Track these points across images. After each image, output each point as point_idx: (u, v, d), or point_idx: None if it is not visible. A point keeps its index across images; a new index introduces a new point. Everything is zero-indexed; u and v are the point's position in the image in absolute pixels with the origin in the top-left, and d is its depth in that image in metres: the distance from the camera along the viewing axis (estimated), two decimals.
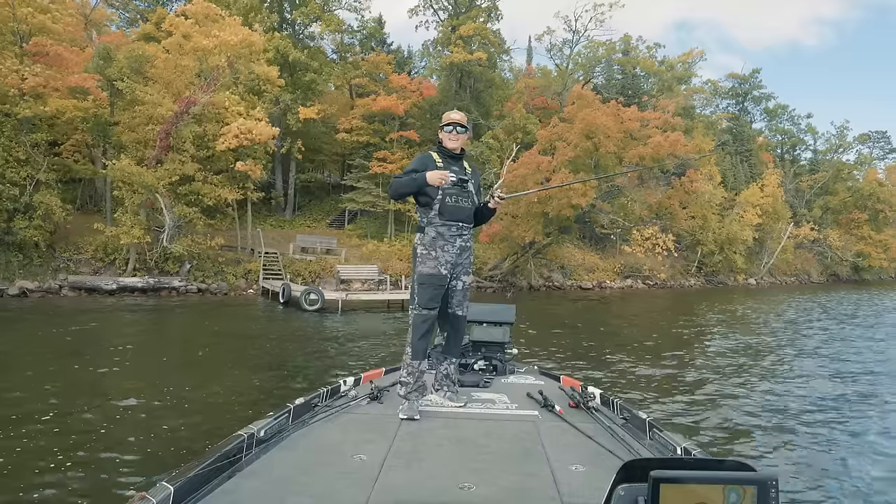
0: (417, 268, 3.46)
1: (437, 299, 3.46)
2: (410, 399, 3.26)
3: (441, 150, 3.57)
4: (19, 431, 5.88)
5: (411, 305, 3.47)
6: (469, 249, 3.59)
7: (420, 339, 3.41)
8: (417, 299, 3.42)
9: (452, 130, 3.56)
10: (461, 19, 35.51)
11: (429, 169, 3.40)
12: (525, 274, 29.26)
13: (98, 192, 25.38)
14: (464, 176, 3.56)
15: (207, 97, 21.85)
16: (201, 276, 22.48)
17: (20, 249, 19.63)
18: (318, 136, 33.71)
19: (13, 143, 19.51)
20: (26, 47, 20.11)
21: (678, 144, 27.42)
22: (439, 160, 3.49)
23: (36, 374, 8.52)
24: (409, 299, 3.53)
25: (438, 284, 3.44)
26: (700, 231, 35.74)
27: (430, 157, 3.51)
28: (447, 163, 3.50)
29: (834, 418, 7.25)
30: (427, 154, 3.56)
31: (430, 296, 3.41)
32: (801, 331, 16.50)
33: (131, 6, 36.83)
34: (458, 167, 3.55)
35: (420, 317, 3.41)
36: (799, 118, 57.51)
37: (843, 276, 48.62)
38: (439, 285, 3.45)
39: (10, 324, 14.07)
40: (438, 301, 3.47)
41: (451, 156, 3.56)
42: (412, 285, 3.49)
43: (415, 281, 3.46)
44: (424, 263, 3.44)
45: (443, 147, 3.58)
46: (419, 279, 3.44)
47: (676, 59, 47.04)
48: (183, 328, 15.11)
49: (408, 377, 3.33)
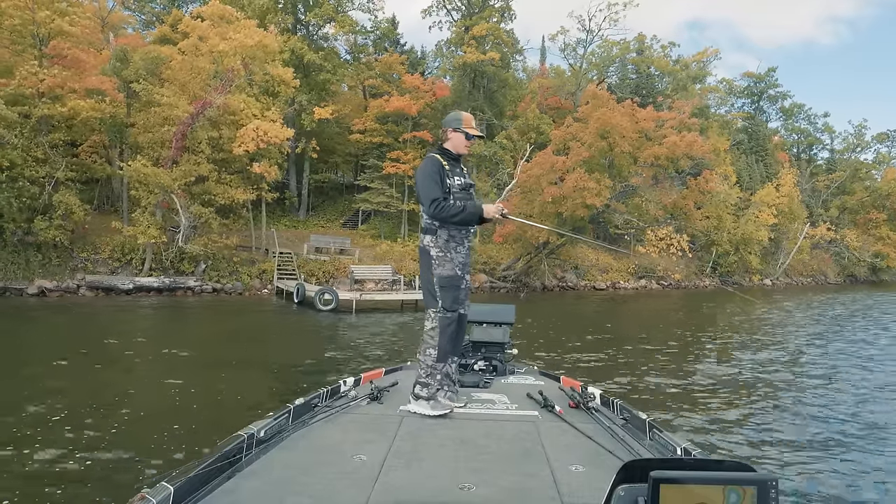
0: (435, 270, 3.40)
1: (459, 300, 3.45)
2: (437, 398, 3.25)
3: (444, 153, 3.49)
4: (34, 428, 5.94)
5: (434, 309, 3.40)
6: (471, 250, 3.60)
7: (448, 342, 3.39)
8: (441, 302, 3.39)
9: (473, 140, 3.56)
10: (474, 19, 35.47)
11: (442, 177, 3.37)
12: (538, 274, 29.18)
13: (115, 193, 25.64)
14: (468, 179, 3.54)
15: (222, 98, 22.01)
16: (216, 275, 22.64)
17: (39, 249, 19.89)
18: (332, 136, 33.88)
19: (32, 143, 19.78)
20: (45, 50, 20.36)
21: (695, 145, 27.22)
22: (445, 164, 3.43)
23: (50, 371, 8.62)
24: (426, 302, 3.46)
25: (457, 286, 3.43)
26: (715, 231, 35.47)
27: (440, 164, 3.42)
28: (451, 165, 3.47)
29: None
30: (437, 161, 3.44)
31: (454, 297, 3.41)
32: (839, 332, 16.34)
33: (147, 9, 37.20)
34: (459, 168, 3.53)
35: (446, 319, 3.39)
36: (815, 117, 56.94)
37: (860, 277, 47.98)
38: (458, 286, 3.44)
39: (29, 322, 14.25)
40: (461, 301, 3.46)
41: (454, 157, 3.53)
42: (431, 288, 3.42)
43: (434, 284, 3.40)
44: (442, 266, 3.41)
45: (447, 150, 3.51)
46: (440, 282, 3.40)
47: (691, 58, 46.75)
48: (198, 327, 15.23)
49: (427, 378, 3.29)
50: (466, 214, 3.38)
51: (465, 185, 3.48)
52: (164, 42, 26.94)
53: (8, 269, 19.11)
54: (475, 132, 3.56)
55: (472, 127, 3.55)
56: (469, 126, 3.53)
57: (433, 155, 3.46)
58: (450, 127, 3.54)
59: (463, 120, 3.55)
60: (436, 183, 3.35)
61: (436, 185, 3.35)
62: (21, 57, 20.72)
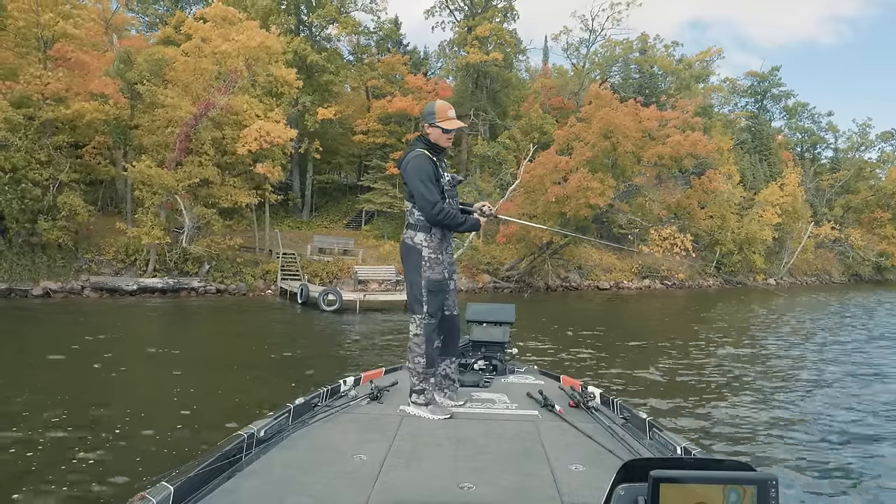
0: (425, 273, 3.27)
1: (448, 305, 3.38)
2: (435, 401, 3.24)
3: (431, 147, 3.33)
4: (34, 427, 5.96)
5: (418, 315, 3.28)
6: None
7: (434, 348, 3.32)
8: (427, 308, 3.27)
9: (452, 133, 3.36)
10: (477, 20, 35.49)
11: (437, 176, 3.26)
12: (542, 274, 29.14)
13: (119, 194, 25.74)
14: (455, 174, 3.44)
15: (225, 99, 22.06)
16: (220, 276, 22.67)
17: (44, 250, 19.96)
18: (335, 137, 33.91)
19: (36, 145, 19.84)
20: (49, 52, 20.43)
21: (699, 144, 27.17)
22: (435, 160, 3.31)
23: (52, 370, 8.64)
24: (411, 307, 3.34)
25: (443, 290, 3.34)
26: (719, 231, 35.38)
27: (433, 163, 3.28)
28: (438, 160, 3.33)
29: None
30: (430, 159, 3.27)
31: (439, 304, 3.32)
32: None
33: (151, 10, 37.31)
34: (444, 163, 3.40)
35: (430, 326, 3.29)
36: (819, 116, 56.76)
37: (864, 276, 47.79)
38: (444, 291, 3.34)
39: (34, 323, 14.29)
40: (449, 307, 3.40)
41: (439, 150, 3.37)
42: (418, 292, 3.28)
43: (423, 287, 3.26)
44: (433, 269, 3.29)
45: (433, 144, 3.34)
46: (429, 286, 3.26)
47: (694, 57, 46.65)
48: (202, 328, 15.26)
49: (421, 384, 3.22)
50: (467, 227, 3.31)
51: (455, 181, 3.42)
52: (167, 44, 27.00)
53: (13, 271, 19.18)
54: (454, 124, 3.34)
55: (449, 118, 3.33)
56: (444, 119, 3.31)
57: (423, 152, 3.27)
58: (425, 122, 3.34)
59: (437, 113, 3.32)
60: (433, 184, 3.23)
61: (434, 186, 3.23)
62: (25, 60, 20.79)
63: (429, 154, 3.28)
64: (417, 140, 3.39)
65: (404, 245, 3.37)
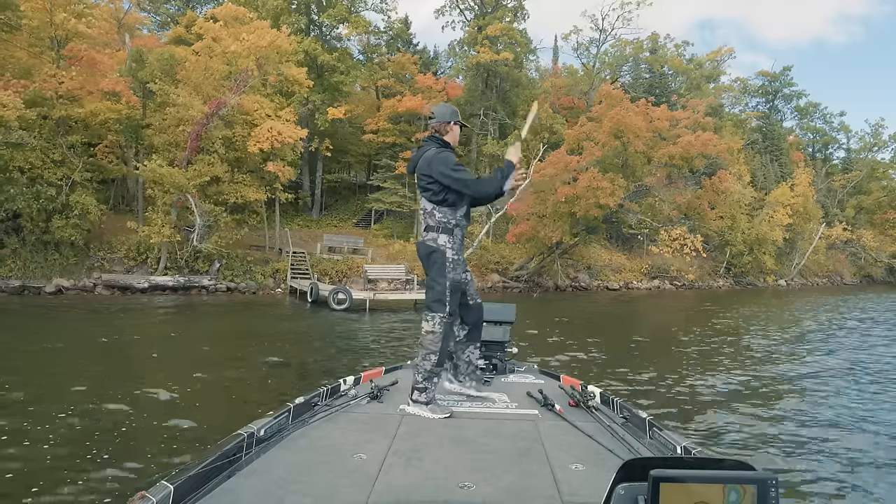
0: (450, 274, 3.30)
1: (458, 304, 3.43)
2: (436, 401, 3.25)
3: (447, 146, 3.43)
4: (44, 424, 6.01)
5: (439, 314, 3.29)
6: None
7: (448, 346, 3.38)
8: (450, 308, 3.30)
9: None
10: (487, 19, 35.48)
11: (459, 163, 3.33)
12: (551, 274, 29.11)
13: (130, 193, 25.92)
14: None
15: (236, 98, 22.16)
16: (230, 275, 22.79)
17: (57, 248, 20.14)
18: (345, 136, 34.05)
19: (51, 144, 20.03)
20: (63, 52, 20.60)
21: (710, 144, 27.05)
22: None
23: (66, 368, 8.70)
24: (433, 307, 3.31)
25: (460, 289, 3.40)
26: (729, 231, 35.21)
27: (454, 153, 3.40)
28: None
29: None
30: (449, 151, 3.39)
31: (457, 302, 3.38)
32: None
33: (162, 10, 37.53)
34: None
35: (449, 324, 3.34)
36: (831, 116, 56.41)
37: (877, 278, 47.42)
38: (460, 289, 3.41)
39: (47, 320, 14.41)
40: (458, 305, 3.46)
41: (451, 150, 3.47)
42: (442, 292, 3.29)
43: (447, 288, 3.29)
44: (455, 270, 3.33)
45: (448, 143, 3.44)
46: (453, 287, 3.31)
47: (705, 57, 46.47)
48: (212, 326, 15.32)
49: (424, 382, 3.21)
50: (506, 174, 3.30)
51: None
52: (178, 43, 27.18)
53: (27, 268, 19.39)
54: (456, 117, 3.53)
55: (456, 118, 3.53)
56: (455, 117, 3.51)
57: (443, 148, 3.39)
58: (447, 121, 3.46)
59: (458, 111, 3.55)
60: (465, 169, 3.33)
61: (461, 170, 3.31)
62: (39, 59, 20.97)
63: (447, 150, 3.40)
64: (431, 139, 3.44)
65: (425, 247, 3.37)
